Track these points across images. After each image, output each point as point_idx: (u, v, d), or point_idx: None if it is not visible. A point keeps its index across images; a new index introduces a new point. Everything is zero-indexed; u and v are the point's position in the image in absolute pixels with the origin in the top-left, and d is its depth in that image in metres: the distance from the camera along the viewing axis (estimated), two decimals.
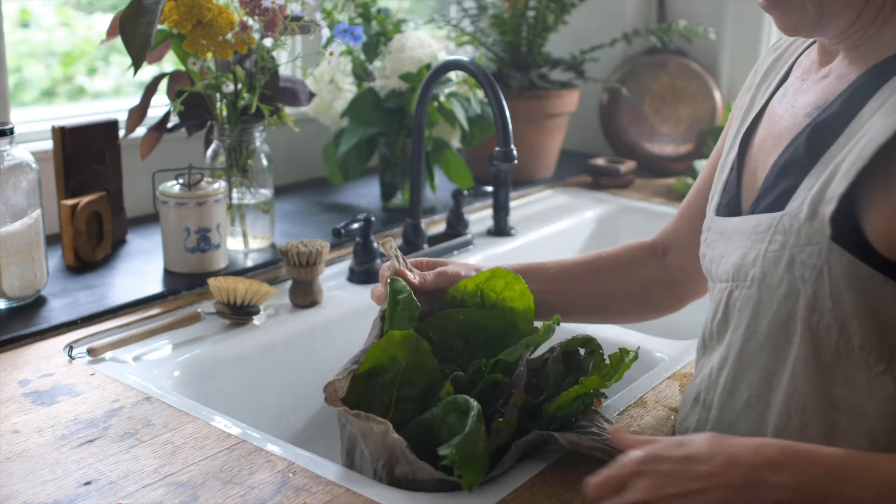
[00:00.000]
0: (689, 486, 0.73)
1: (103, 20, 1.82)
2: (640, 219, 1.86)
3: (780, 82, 0.97)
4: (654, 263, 1.14)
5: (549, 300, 1.07)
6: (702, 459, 0.74)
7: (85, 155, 1.41)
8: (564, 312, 1.09)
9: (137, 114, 1.38)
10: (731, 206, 0.94)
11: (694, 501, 0.73)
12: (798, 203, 0.82)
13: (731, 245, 0.90)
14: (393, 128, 1.66)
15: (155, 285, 1.29)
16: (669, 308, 1.16)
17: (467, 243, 1.56)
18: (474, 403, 0.85)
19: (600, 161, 2.03)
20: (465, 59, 1.37)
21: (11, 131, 1.16)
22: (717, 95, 2.15)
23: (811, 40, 0.98)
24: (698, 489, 0.73)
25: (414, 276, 1.01)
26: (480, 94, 1.73)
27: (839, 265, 0.78)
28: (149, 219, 1.58)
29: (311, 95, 1.50)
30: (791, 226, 0.82)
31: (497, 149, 1.28)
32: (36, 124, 1.53)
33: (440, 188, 1.79)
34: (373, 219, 1.37)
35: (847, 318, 0.79)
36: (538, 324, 0.98)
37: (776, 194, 0.86)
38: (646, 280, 1.13)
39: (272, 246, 1.47)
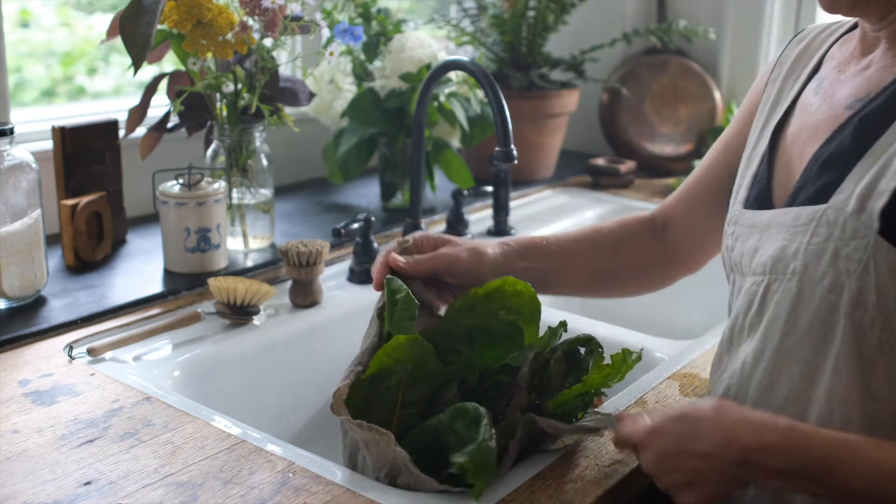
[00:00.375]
0: (685, 464, 0.79)
1: (103, 20, 1.82)
2: None
3: (811, 74, 0.97)
4: (652, 240, 1.14)
5: (549, 275, 1.08)
6: (701, 437, 0.78)
7: (85, 155, 1.41)
8: (563, 286, 1.11)
9: (137, 114, 1.38)
10: (762, 199, 0.94)
11: (689, 477, 0.79)
12: (844, 196, 0.81)
13: (766, 238, 0.90)
14: (393, 128, 1.66)
15: (155, 285, 1.29)
16: (663, 284, 1.17)
17: None
18: (484, 411, 0.85)
19: (600, 161, 2.03)
20: (465, 59, 1.37)
21: (11, 131, 1.16)
22: (717, 95, 2.15)
23: (839, 31, 0.98)
24: (693, 467, 0.78)
25: (405, 262, 1.00)
26: (480, 94, 1.73)
27: (885, 260, 0.78)
28: (149, 219, 1.58)
29: (311, 95, 1.50)
30: (836, 219, 0.81)
31: (497, 149, 1.28)
32: (36, 124, 1.52)
33: (440, 188, 1.79)
34: (373, 219, 1.37)
35: (891, 313, 0.79)
36: (542, 327, 0.98)
37: (818, 187, 0.85)
38: (644, 256, 1.14)
39: (272, 246, 1.47)
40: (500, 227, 1.64)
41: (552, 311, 1.24)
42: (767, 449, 0.76)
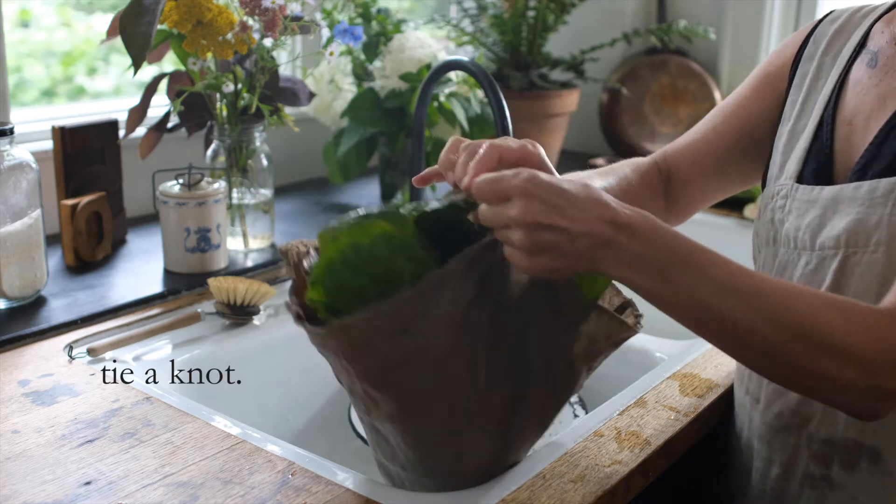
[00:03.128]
0: (559, 222, 0.75)
1: (103, 20, 1.82)
2: None
3: (855, 50, 0.98)
4: (659, 195, 1.14)
5: None
6: (579, 204, 0.76)
7: (85, 155, 1.41)
8: None
9: (137, 114, 1.38)
10: (820, 175, 0.95)
11: (557, 238, 0.75)
12: None
13: (833, 212, 0.91)
14: (393, 128, 1.66)
15: (155, 285, 1.29)
16: None
17: None
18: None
19: (600, 161, 2.03)
20: (465, 59, 1.37)
21: (11, 131, 1.16)
22: (717, 95, 2.15)
23: (879, 10, 1.00)
24: (565, 228, 0.75)
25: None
26: (480, 94, 1.73)
27: None
28: (149, 219, 1.58)
29: (311, 95, 1.50)
30: None
31: None
32: (36, 124, 1.52)
33: (440, 188, 1.79)
34: None
35: None
36: None
37: (891, 159, 0.86)
38: (651, 209, 1.14)
39: (272, 246, 1.47)
40: None
41: None
42: (636, 232, 0.76)
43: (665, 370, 1.12)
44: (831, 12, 1.07)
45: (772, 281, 0.78)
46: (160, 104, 1.44)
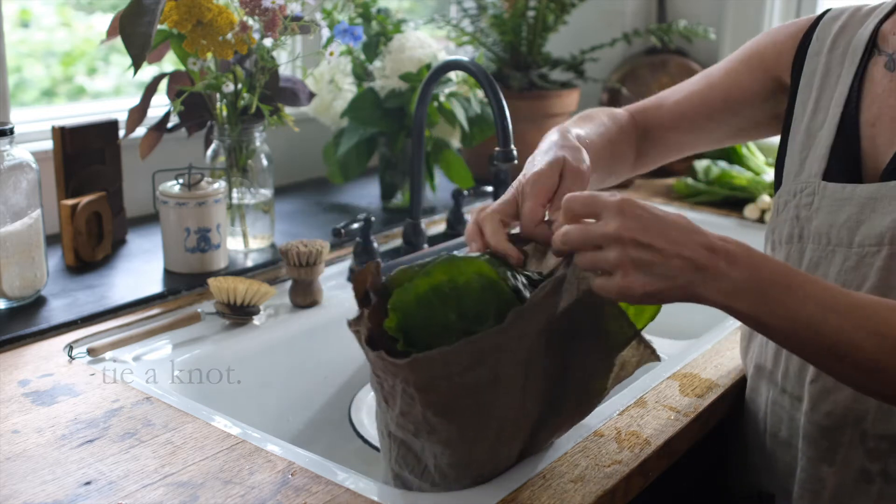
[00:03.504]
0: (656, 241, 0.75)
1: (103, 20, 1.82)
2: None
3: (866, 50, 1.00)
4: (633, 150, 1.18)
5: None
6: (676, 227, 0.76)
7: (85, 155, 1.41)
8: None
9: (137, 114, 1.38)
10: (850, 173, 0.97)
11: (654, 257, 0.75)
12: None
13: (871, 210, 0.93)
14: (393, 128, 1.66)
15: (155, 285, 1.29)
16: (618, 180, 1.20)
17: None
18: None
19: None
20: (465, 59, 1.37)
21: (11, 131, 1.16)
22: None
23: (884, 10, 1.01)
24: (662, 248, 0.75)
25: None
26: (480, 94, 1.73)
27: None
28: (149, 219, 1.58)
29: (311, 95, 1.50)
30: None
31: (497, 149, 1.28)
32: (36, 124, 1.52)
33: (440, 188, 1.79)
34: (373, 219, 1.37)
35: None
36: None
37: None
38: (624, 161, 1.17)
39: (272, 246, 1.47)
40: None
41: None
42: (734, 258, 0.76)
43: (665, 370, 1.12)
44: (828, 11, 1.08)
45: (867, 297, 0.79)
46: (160, 104, 1.44)
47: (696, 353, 1.17)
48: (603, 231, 0.76)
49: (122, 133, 1.44)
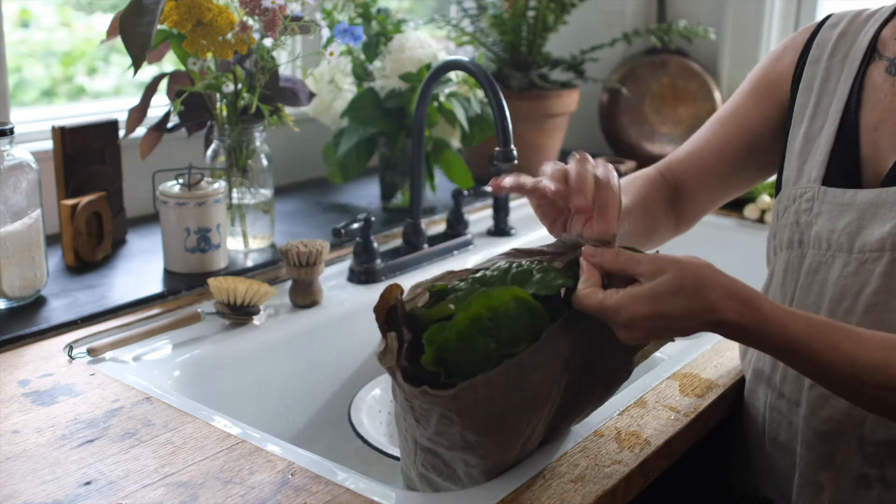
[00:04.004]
0: (664, 335, 0.80)
1: (103, 20, 1.82)
2: None
3: (866, 54, 1.00)
4: (671, 210, 1.16)
5: None
6: (682, 318, 0.78)
7: (85, 155, 1.41)
8: None
9: (137, 114, 1.38)
10: (850, 178, 0.97)
11: (659, 327, 0.78)
12: None
13: (873, 216, 0.93)
14: (393, 128, 1.66)
15: (155, 285, 1.29)
16: (661, 243, 1.19)
17: (467, 243, 1.56)
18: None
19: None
20: (465, 59, 1.37)
21: (11, 131, 1.16)
22: (717, 95, 2.15)
23: (884, 15, 1.01)
24: (673, 332, 0.79)
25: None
26: (480, 94, 1.73)
27: None
28: (149, 219, 1.58)
29: (311, 95, 1.50)
30: None
31: (497, 149, 1.28)
32: (36, 124, 1.52)
33: (440, 188, 1.79)
34: (373, 219, 1.37)
35: None
36: None
37: None
38: (662, 226, 1.16)
39: (272, 246, 1.47)
40: (500, 227, 1.64)
41: None
42: (744, 329, 0.79)
43: (665, 370, 1.12)
44: (829, 17, 1.08)
45: (876, 337, 0.81)
46: (160, 104, 1.44)
47: (696, 353, 1.17)
48: (615, 333, 0.80)
49: (122, 133, 1.44)
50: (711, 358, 1.15)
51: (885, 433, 0.94)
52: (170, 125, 1.42)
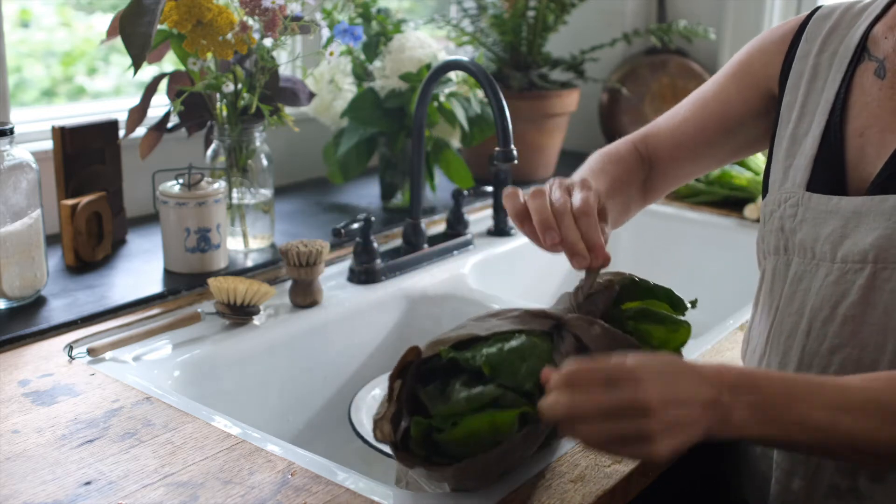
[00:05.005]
0: (653, 434, 0.71)
1: (103, 20, 1.82)
2: (641, 218, 1.85)
3: (855, 53, 0.96)
4: (642, 184, 1.16)
5: None
6: (669, 405, 0.71)
7: (85, 155, 1.41)
8: None
9: (137, 114, 1.38)
10: (834, 185, 0.94)
11: (668, 425, 0.72)
12: None
13: (856, 225, 0.90)
14: (393, 128, 1.66)
15: (155, 285, 1.29)
16: (627, 217, 1.18)
17: (467, 243, 1.56)
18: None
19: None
20: (465, 59, 1.37)
21: (11, 131, 1.16)
22: None
23: (874, 12, 0.97)
24: (660, 433, 0.71)
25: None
26: (480, 94, 1.73)
27: None
28: (149, 219, 1.58)
29: (311, 95, 1.50)
30: None
31: (497, 149, 1.28)
32: (36, 124, 1.52)
33: (440, 188, 1.79)
34: (373, 219, 1.37)
35: None
36: None
37: None
38: (632, 197, 1.16)
39: (272, 246, 1.47)
40: (500, 228, 1.64)
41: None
42: (734, 387, 0.74)
43: None
44: (819, 8, 1.04)
45: (878, 380, 0.78)
46: (160, 104, 1.44)
47: (696, 353, 1.17)
48: (593, 440, 0.73)
49: (122, 133, 1.44)
50: (712, 358, 1.15)
51: None
52: (170, 125, 1.42)
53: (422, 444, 0.78)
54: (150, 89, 1.39)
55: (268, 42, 1.36)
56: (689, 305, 0.91)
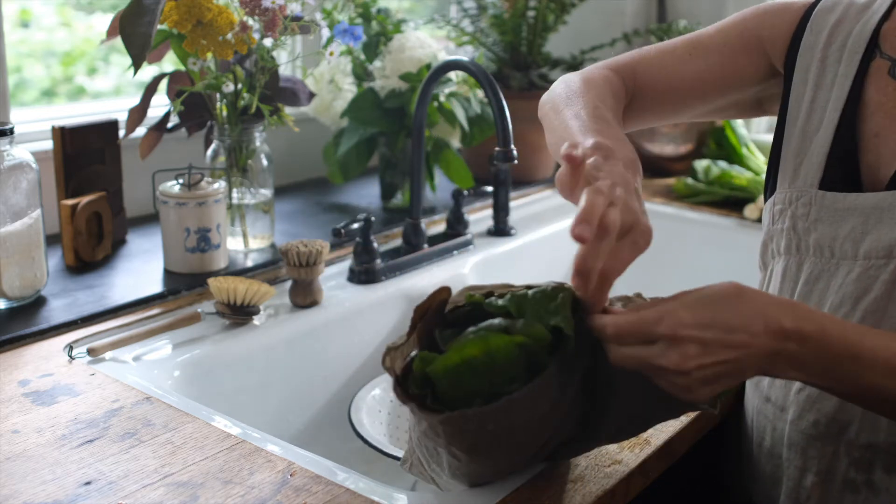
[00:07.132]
0: (721, 355, 0.72)
1: (103, 20, 1.82)
2: None
3: (866, 52, 0.95)
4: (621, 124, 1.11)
5: None
6: (737, 327, 0.72)
7: (85, 155, 1.41)
8: None
9: (137, 114, 1.38)
10: (850, 182, 0.93)
11: (721, 369, 0.72)
12: None
13: (877, 221, 0.89)
14: (393, 128, 1.66)
15: (155, 285, 1.29)
16: None
17: (467, 243, 1.56)
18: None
19: None
20: (465, 59, 1.37)
21: (11, 131, 1.16)
22: None
23: (882, 7, 0.96)
24: (729, 359, 0.72)
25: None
26: (480, 94, 1.73)
27: None
28: (149, 219, 1.58)
29: (311, 95, 1.50)
30: None
31: (497, 149, 1.28)
32: (36, 124, 1.52)
33: (440, 188, 1.79)
34: (373, 219, 1.37)
35: None
36: None
37: None
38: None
39: (272, 246, 1.47)
40: (500, 227, 1.64)
41: None
42: (805, 338, 0.74)
43: None
44: (822, 0, 1.03)
45: None
46: (160, 104, 1.44)
47: None
48: (660, 364, 0.72)
49: (122, 133, 1.44)
50: None
51: (872, 437, 0.93)
52: (170, 125, 1.42)
53: (420, 383, 0.76)
54: (150, 89, 1.39)
55: (268, 42, 1.36)
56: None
